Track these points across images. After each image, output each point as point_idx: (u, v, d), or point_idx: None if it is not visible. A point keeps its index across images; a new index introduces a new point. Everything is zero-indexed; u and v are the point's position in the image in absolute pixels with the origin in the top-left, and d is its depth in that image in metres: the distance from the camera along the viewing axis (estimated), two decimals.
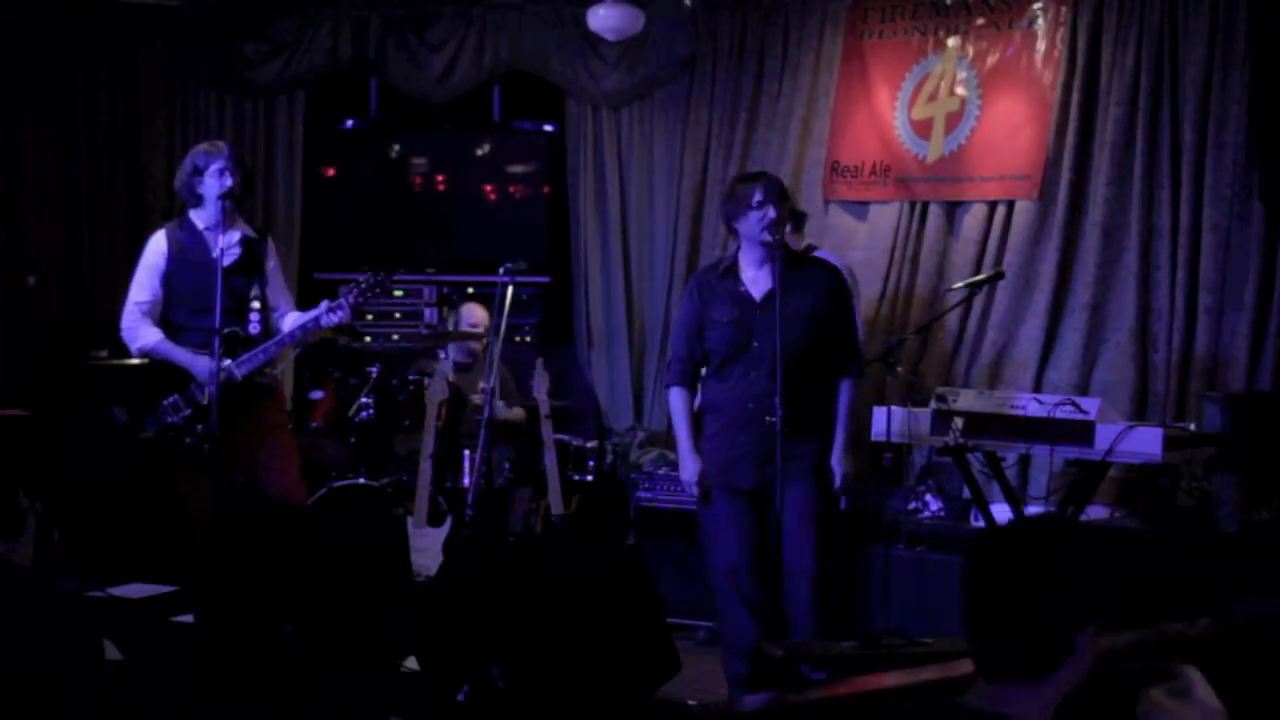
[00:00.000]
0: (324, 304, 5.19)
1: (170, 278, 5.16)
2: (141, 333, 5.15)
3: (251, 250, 5.25)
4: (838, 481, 4.70)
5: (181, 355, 5.09)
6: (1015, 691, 1.97)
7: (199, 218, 5.18)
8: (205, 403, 5.02)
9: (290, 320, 5.29)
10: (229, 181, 5.07)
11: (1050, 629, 1.96)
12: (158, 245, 5.20)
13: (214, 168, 5.09)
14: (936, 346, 6.45)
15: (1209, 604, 4.09)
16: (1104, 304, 6.09)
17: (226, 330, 4.95)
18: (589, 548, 5.20)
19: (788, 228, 5.59)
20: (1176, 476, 5.34)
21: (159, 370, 5.15)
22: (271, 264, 5.33)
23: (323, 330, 5.28)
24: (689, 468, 4.74)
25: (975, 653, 2.03)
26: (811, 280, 4.72)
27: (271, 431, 5.27)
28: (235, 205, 5.14)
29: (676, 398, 4.79)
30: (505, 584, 4.18)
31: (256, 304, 5.20)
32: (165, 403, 5.12)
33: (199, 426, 5.05)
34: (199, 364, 5.03)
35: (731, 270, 4.70)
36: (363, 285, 5.19)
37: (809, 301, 4.64)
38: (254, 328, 5.18)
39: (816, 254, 5.62)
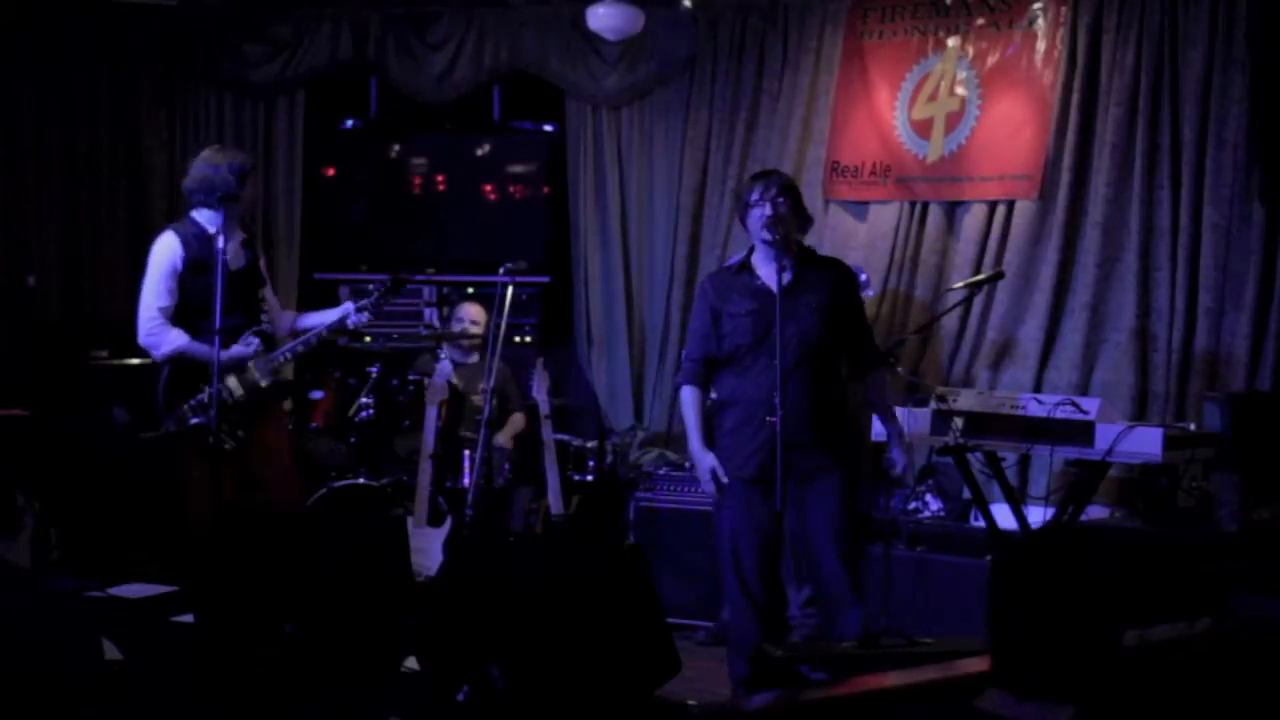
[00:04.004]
0: (349, 305, 5.35)
1: (184, 280, 5.18)
2: (166, 337, 5.16)
3: (254, 251, 5.38)
4: (899, 469, 4.76)
5: (234, 352, 5.16)
6: (1035, 708, 1.95)
7: (205, 219, 5.20)
8: (231, 401, 5.11)
9: (312, 319, 5.44)
10: (256, 183, 5.35)
11: (1085, 648, 1.93)
12: (171, 247, 5.18)
13: (250, 168, 5.24)
14: (936, 346, 6.45)
15: (1209, 604, 4.10)
16: (1104, 304, 6.08)
17: (257, 329, 5.19)
18: (589, 548, 5.20)
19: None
20: (1176, 476, 5.34)
21: (181, 371, 5.17)
22: (262, 263, 5.49)
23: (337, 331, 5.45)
24: (704, 464, 4.70)
25: (1000, 666, 2.00)
26: (824, 275, 4.77)
27: (277, 454, 5.38)
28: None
29: (688, 395, 4.78)
30: (505, 584, 4.18)
31: (263, 304, 5.36)
32: (190, 403, 5.13)
33: (224, 426, 5.12)
34: (232, 353, 5.12)
35: (746, 267, 4.72)
36: (383, 289, 5.38)
37: (822, 295, 4.68)
38: (268, 326, 5.33)
39: None
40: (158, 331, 5.16)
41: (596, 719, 3.92)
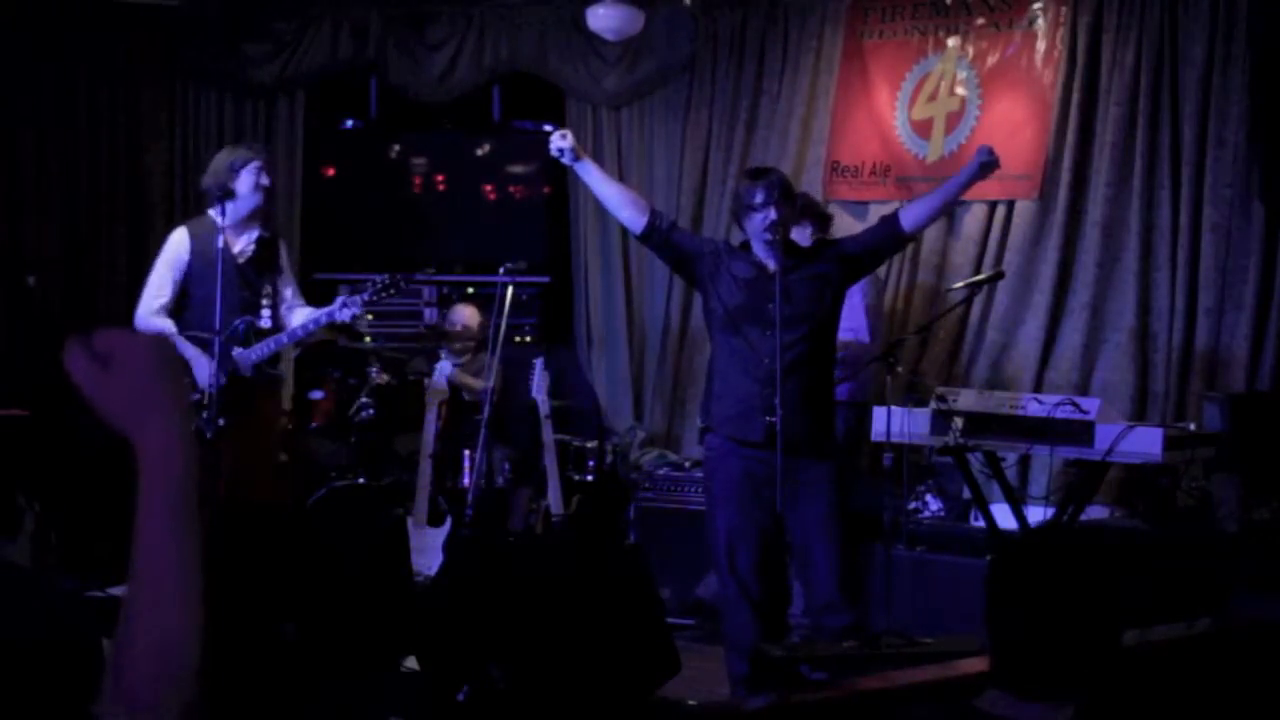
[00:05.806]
0: (339, 300, 5.36)
1: (190, 274, 5.28)
2: (153, 326, 5.25)
3: (266, 248, 5.43)
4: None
5: (189, 351, 5.18)
6: (1035, 708, 1.95)
7: (220, 215, 5.27)
8: (213, 390, 5.18)
9: (302, 315, 5.43)
10: (266, 180, 5.35)
11: (1083, 646, 1.93)
12: (181, 243, 5.31)
13: (253, 165, 5.30)
14: (936, 346, 6.45)
15: (1209, 604, 4.10)
16: (1104, 304, 6.09)
17: (243, 320, 5.20)
18: (589, 548, 5.20)
19: (810, 229, 5.61)
20: (1176, 476, 5.34)
21: None
22: (284, 262, 5.55)
23: (333, 326, 5.49)
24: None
25: (999, 666, 2.00)
26: (819, 255, 4.79)
27: (263, 431, 5.42)
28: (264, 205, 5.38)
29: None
30: (505, 584, 4.18)
31: (268, 300, 5.40)
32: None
33: (204, 414, 5.15)
34: (200, 364, 5.14)
35: (746, 247, 4.71)
36: (378, 285, 5.39)
37: (817, 268, 4.67)
38: (265, 321, 5.36)
39: None
40: (145, 320, 5.30)
41: (596, 719, 3.93)
